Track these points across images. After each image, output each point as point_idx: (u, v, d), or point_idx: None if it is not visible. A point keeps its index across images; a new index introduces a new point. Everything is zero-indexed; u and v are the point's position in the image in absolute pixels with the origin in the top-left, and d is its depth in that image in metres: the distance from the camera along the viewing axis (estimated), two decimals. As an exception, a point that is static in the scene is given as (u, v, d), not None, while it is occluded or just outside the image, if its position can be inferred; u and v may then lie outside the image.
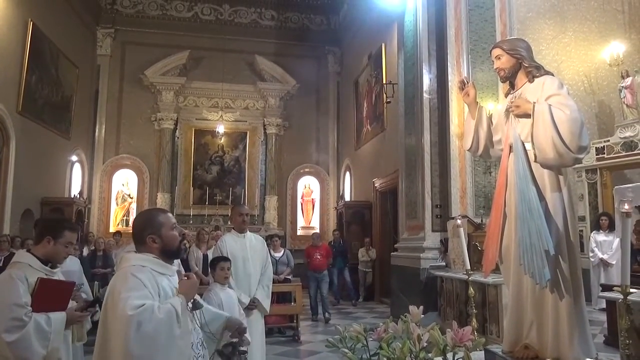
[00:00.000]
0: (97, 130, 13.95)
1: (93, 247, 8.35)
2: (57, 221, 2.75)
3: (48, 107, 11.19)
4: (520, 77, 2.64)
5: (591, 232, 7.58)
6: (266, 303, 4.27)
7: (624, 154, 7.83)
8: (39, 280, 2.46)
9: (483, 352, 2.59)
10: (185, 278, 2.09)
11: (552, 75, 2.59)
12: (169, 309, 1.90)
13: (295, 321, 7.28)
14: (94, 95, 13.96)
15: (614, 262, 7.04)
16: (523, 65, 2.61)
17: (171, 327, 1.88)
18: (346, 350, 2.20)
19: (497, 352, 2.54)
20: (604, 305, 5.89)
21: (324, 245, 9.46)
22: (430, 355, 2.05)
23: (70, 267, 3.96)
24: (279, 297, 7.20)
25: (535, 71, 2.57)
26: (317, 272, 8.73)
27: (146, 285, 1.91)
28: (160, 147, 14.13)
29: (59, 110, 11.78)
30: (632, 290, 2.17)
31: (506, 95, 2.77)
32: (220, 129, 13.80)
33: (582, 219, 7.91)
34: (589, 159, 7.97)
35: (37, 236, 2.65)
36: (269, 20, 15.29)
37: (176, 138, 14.27)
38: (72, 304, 2.66)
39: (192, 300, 2.08)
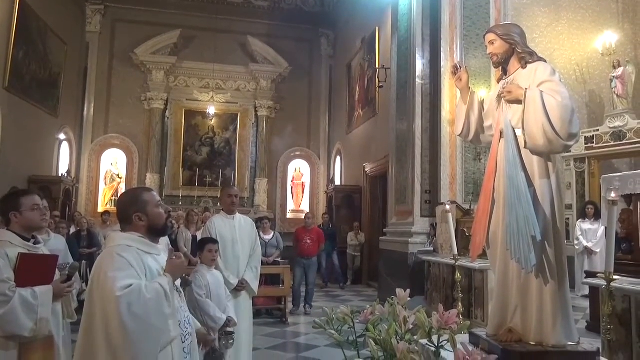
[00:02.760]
0: (85, 109, 13.75)
1: (78, 228, 8.30)
2: (9, 197, 2.73)
3: (35, 83, 10.99)
4: (513, 63, 2.63)
5: (577, 220, 7.67)
6: (254, 284, 4.28)
7: (612, 143, 7.89)
8: (19, 256, 2.46)
9: (468, 335, 2.62)
10: (174, 258, 2.09)
11: (545, 61, 2.58)
12: (157, 289, 1.90)
13: (283, 303, 7.34)
14: (83, 73, 13.72)
15: (598, 250, 7.15)
16: (516, 51, 2.59)
17: (161, 305, 1.89)
18: (333, 332, 2.22)
19: (482, 335, 2.56)
20: (587, 292, 6.00)
21: (315, 228, 8.60)
22: (416, 337, 2.08)
23: (56, 246, 3.94)
24: (267, 279, 7.22)
25: (529, 57, 2.56)
26: (306, 258, 7.99)
27: (132, 265, 1.91)
28: (150, 127, 13.97)
29: (46, 87, 11.58)
30: (615, 277, 2.21)
31: (498, 81, 2.76)
32: (211, 110, 13.66)
33: (569, 207, 8.00)
34: (578, 148, 8.04)
35: (5, 219, 2.66)
36: (262, 1, 15.06)
37: (166, 118, 14.12)
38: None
39: (182, 276, 2.13)
